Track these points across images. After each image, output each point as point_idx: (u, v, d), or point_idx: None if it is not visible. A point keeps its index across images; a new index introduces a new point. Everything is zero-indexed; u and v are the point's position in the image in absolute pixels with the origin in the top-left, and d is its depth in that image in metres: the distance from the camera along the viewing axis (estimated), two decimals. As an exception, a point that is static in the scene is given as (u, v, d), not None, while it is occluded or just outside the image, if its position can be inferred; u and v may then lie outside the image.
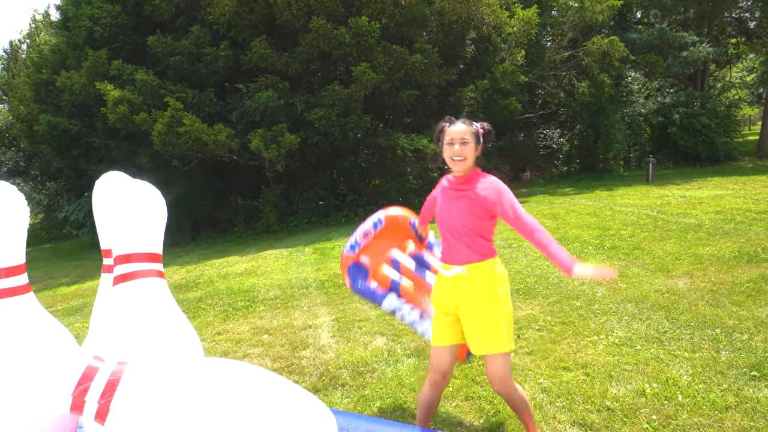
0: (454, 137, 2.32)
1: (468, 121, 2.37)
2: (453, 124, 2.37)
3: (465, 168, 2.36)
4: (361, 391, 3.39)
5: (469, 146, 2.32)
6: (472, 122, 2.38)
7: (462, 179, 2.39)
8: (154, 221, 2.07)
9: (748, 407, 2.77)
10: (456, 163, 2.34)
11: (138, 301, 1.90)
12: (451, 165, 2.38)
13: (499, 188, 2.30)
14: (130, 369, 1.43)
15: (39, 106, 14.08)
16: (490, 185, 2.32)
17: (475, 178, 2.37)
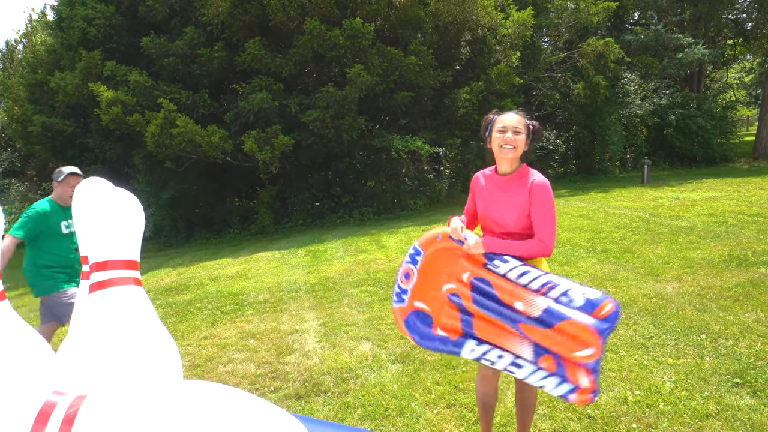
0: (507, 125, 2.26)
1: (522, 113, 2.33)
2: (505, 113, 2.32)
3: (513, 156, 2.27)
4: (343, 398, 3.37)
5: (521, 136, 2.26)
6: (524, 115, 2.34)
7: (513, 175, 2.32)
8: (131, 228, 2.05)
9: (728, 415, 2.76)
10: (505, 150, 2.26)
11: (113, 311, 1.87)
12: (498, 153, 2.29)
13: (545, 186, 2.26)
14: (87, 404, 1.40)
15: (33, 106, 14.04)
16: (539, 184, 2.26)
17: (525, 174, 2.31)
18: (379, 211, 13.49)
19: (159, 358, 1.81)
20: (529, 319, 2.06)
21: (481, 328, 2.20)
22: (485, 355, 2.18)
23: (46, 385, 1.53)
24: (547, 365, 2.05)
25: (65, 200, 3.82)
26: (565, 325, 1.97)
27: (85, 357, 1.72)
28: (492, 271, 2.22)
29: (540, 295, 2.08)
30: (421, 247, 2.40)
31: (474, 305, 2.21)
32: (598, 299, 2.00)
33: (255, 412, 1.48)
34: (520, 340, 2.10)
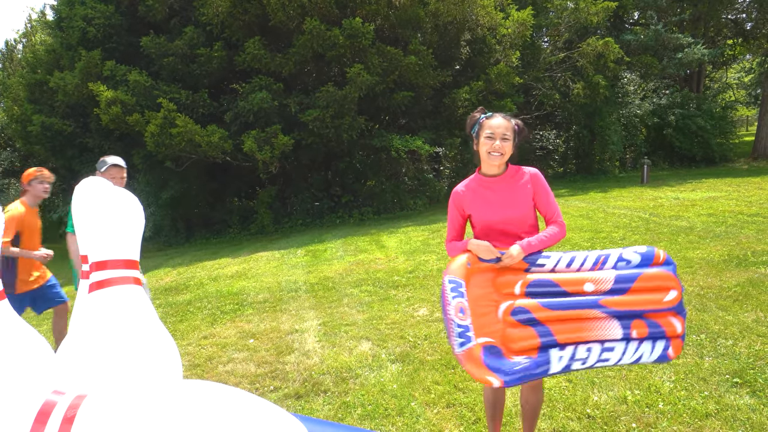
0: (495, 131, 2.26)
1: (507, 116, 2.31)
2: (492, 117, 2.30)
3: (501, 163, 2.30)
4: (343, 397, 3.37)
5: (508, 143, 2.28)
6: (511, 118, 2.33)
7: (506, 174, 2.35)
8: (131, 228, 2.05)
9: (728, 415, 2.76)
10: (493, 158, 2.27)
11: (113, 310, 1.87)
12: (486, 159, 2.30)
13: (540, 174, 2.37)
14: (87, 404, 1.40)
15: (33, 106, 14.03)
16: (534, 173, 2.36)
17: (517, 170, 2.36)
18: (378, 211, 13.49)
19: (159, 358, 1.81)
20: (605, 294, 2.08)
21: (562, 330, 2.07)
22: (575, 358, 2.06)
23: (45, 385, 1.53)
24: (638, 331, 2.06)
25: None
26: (641, 282, 2.06)
27: (85, 356, 1.72)
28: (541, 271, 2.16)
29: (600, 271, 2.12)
30: (461, 278, 2.16)
31: (546, 309, 2.07)
32: (650, 250, 2.15)
33: (255, 412, 1.47)
34: (604, 319, 2.07)
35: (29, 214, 4.20)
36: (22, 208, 4.15)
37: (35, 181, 4.20)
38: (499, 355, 2.05)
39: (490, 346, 2.06)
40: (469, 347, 2.04)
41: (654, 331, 2.06)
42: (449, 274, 2.16)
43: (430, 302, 5.29)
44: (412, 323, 4.69)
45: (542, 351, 2.05)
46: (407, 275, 6.51)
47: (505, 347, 2.07)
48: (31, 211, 4.24)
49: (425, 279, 6.24)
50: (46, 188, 4.24)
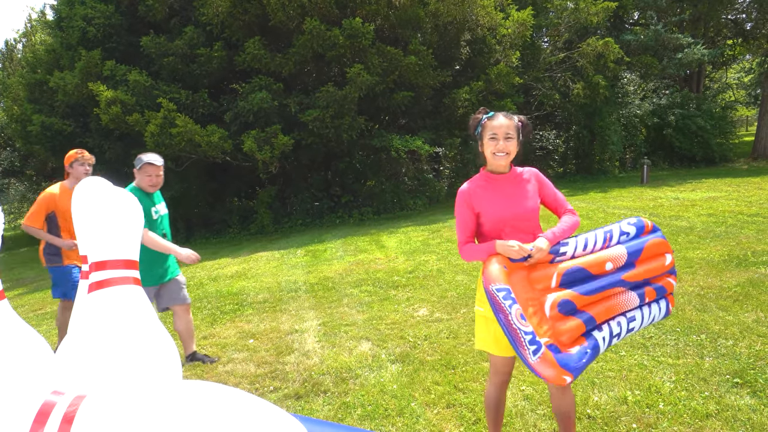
0: (498, 132, 2.26)
1: (509, 115, 2.30)
2: (494, 117, 2.29)
3: (507, 162, 2.31)
4: (342, 398, 3.36)
5: (512, 142, 2.28)
6: (513, 115, 2.31)
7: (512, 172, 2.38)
8: (130, 228, 2.05)
9: (728, 415, 2.76)
10: (498, 158, 2.27)
11: (112, 310, 1.87)
12: (492, 160, 2.30)
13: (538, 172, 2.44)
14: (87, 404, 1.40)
15: (33, 106, 14.01)
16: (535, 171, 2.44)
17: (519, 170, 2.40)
18: (378, 211, 13.49)
19: (158, 358, 1.81)
20: (623, 269, 2.29)
21: (598, 312, 2.20)
22: (612, 334, 2.21)
23: (45, 385, 1.53)
24: (649, 296, 2.32)
25: (145, 188, 3.84)
26: (646, 252, 2.32)
27: (84, 357, 1.72)
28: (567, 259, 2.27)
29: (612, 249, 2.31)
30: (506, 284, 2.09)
31: (585, 296, 2.18)
32: (639, 221, 2.42)
33: (254, 412, 1.47)
34: (625, 293, 2.27)
35: (65, 196, 4.16)
36: (56, 190, 4.17)
37: (76, 163, 4.20)
38: (558, 351, 2.05)
39: (550, 345, 2.05)
40: (543, 352, 2.00)
41: (659, 293, 2.35)
42: (494, 283, 2.09)
43: (430, 302, 5.28)
44: (412, 323, 4.68)
45: (588, 336, 2.16)
46: (407, 275, 6.51)
47: (558, 342, 2.08)
48: (69, 192, 4.19)
49: (425, 279, 6.24)
50: (87, 170, 4.22)
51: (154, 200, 3.90)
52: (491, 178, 2.35)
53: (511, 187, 2.34)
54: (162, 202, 4.06)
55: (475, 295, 5.26)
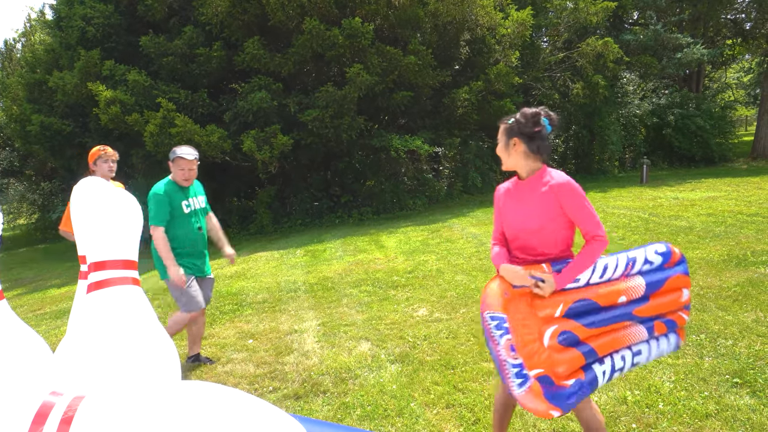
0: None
1: (505, 119, 2.21)
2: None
3: (506, 167, 2.21)
4: (342, 398, 3.36)
5: (498, 146, 2.22)
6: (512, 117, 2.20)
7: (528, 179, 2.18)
8: (129, 228, 2.05)
9: (728, 415, 2.75)
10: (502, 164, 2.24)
11: (111, 311, 1.87)
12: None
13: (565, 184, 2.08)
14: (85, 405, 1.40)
15: (32, 106, 14.00)
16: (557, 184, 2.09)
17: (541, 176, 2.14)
18: (378, 211, 13.48)
19: (157, 359, 1.81)
20: (637, 302, 2.15)
21: (601, 345, 2.07)
22: (615, 369, 2.09)
23: (43, 386, 1.53)
24: (659, 329, 2.20)
25: (179, 181, 3.83)
26: (664, 288, 2.18)
27: (83, 357, 1.72)
28: (577, 288, 2.09)
29: (631, 278, 2.15)
30: (501, 311, 2.05)
31: (588, 328, 2.06)
32: (667, 251, 2.23)
33: (253, 413, 1.47)
34: (633, 326, 2.15)
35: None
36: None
37: (100, 161, 4.10)
38: (551, 383, 1.99)
39: (542, 377, 1.99)
40: (529, 385, 1.97)
41: (670, 327, 2.23)
42: (489, 310, 2.05)
43: (430, 302, 5.28)
44: (412, 323, 4.68)
45: (587, 369, 2.04)
46: (406, 275, 6.51)
47: (553, 374, 2.00)
48: None
49: (424, 279, 6.23)
50: (111, 167, 4.15)
51: (187, 194, 3.86)
52: (515, 182, 2.25)
53: (522, 197, 2.18)
54: (200, 196, 4.01)
55: (474, 296, 5.27)
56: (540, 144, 2.13)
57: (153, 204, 3.71)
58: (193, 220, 3.86)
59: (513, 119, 2.18)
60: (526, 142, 2.13)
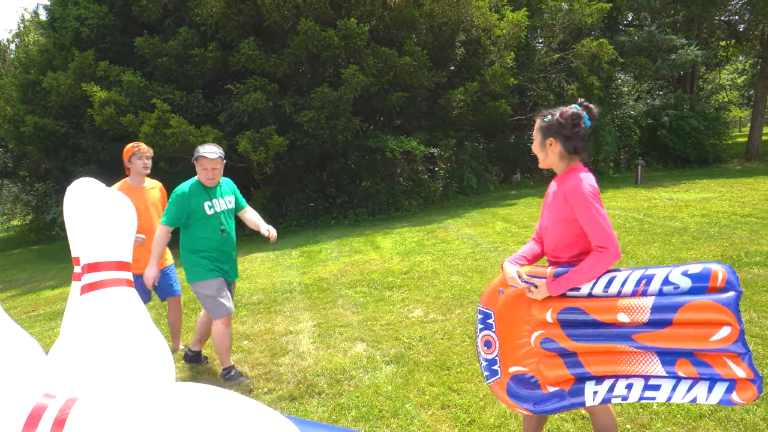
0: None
1: (543, 113, 2.13)
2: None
3: (542, 165, 2.18)
4: (337, 399, 3.36)
5: (534, 143, 2.17)
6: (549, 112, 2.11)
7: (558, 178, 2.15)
8: (123, 230, 2.04)
9: (722, 415, 2.77)
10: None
11: (105, 312, 1.86)
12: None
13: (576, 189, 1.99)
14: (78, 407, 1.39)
15: (26, 107, 13.93)
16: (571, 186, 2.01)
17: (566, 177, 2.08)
18: (373, 212, 13.48)
19: (151, 361, 1.80)
20: (641, 327, 1.82)
21: (593, 363, 1.91)
22: (612, 392, 1.89)
23: (36, 388, 1.52)
24: (685, 370, 1.77)
25: (203, 182, 3.66)
26: (684, 314, 1.74)
27: (76, 359, 1.71)
28: (576, 297, 1.95)
29: (639, 296, 1.84)
30: (488, 307, 2.09)
31: (574, 341, 1.92)
32: (706, 270, 1.75)
33: (247, 415, 1.46)
34: (642, 355, 1.84)
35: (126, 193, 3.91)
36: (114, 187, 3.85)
37: (134, 157, 4.01)
38: (529, 384, 2.01)
39: (521, 375, 2.02)
40: (495, 380, 2.10)
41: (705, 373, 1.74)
42: (480, 304, 2.17)
43: (425, 303, 5.28)
44: (407, 324, 4.68)
45: (576, 383, 1.95)
46: (402, 276, 6.50)
47: (540, 376, 2.00)
48: (132, 189, 4.06)
49: (420, 280, 6.23)
50: (145, 164, 4.05)
51: (211, 195, 3.68)
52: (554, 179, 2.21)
53: (550, 194, 2.17)
54: (227, 196, 3.81)
55: (470, 296, 5.27)
56: (577, 144, 2.06)
57: (169, 202, 3.61)
58: (216, 222, 3.68)
59: (549, 116, 2.08)
60: (562, 142, 2.07)
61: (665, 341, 1.78)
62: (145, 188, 4.14)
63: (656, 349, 1.81)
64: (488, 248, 7.59)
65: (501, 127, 17.08)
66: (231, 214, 3.84)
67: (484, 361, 2.12)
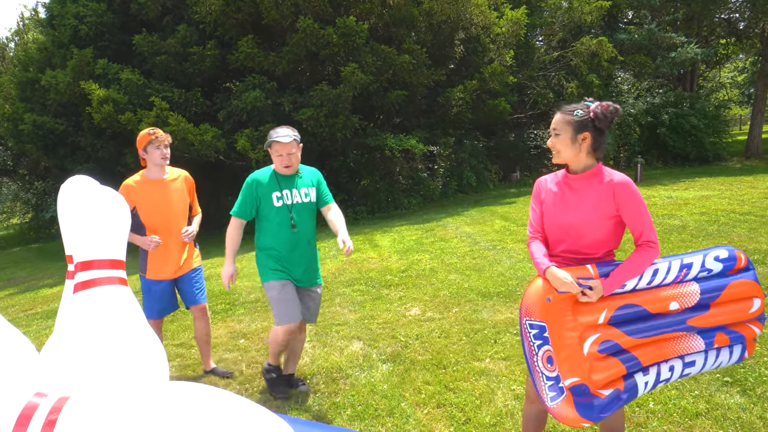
0: (550, 129, 2.11)
1: (569, 108, 2.08)
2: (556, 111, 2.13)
3: (560, 161, 2.11)
4: (332, 398, 3.35)
5: (559, 138, 2.07)
6: (576, 107, 2.07)
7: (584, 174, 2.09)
8: (117, 227, 2.02)
9: (718, 414, 2.75)
10: (553, 157, 2.14)
11: (98, 311, 1.85)
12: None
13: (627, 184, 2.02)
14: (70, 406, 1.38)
15: (25, 104, 13.93)
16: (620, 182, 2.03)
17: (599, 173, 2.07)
18: (372, 210, 13.47)
19: (144, 359, 1.79)
20: (691, 311, 1.98)
21: (647, 353, 1.96)
22: (659, 378, 1.99)
23: (27, 387, 1.51)
24: (720, 341, 2.02)
25: (279, 170, 3.24)
26: (725, 295, 1.98)
27: (68, 357, 1.70)
28: (623, 294, 1.98)
29: (683, 285, 1.99)
30: (540, 319, 1.94)
31: (631, 337, 1.94)
32: (730, 254, 2.04)
33: (241, 414, 1.45)
34: (687, 336, 2.00)
35: (144, 187, 3.50)
36: (130, 181, 3.52)
37: (150, 147, 3.48)
38: (586, 394, 1.90)
39: (577, 386, 1.90)
40: (562, 399, 1.90)
41: (734, 339, 2.03)
42: (529, 317, 1.96)
43: (423, 302, 5.27)
44: (404, 323, 4.67)
45: (627, 378, 1.95)
46: (400, 274, 6.49)
47: (590, 383, 1.91)
48: (150, 182, 3.54)
49: (418, 278, 6.22)
50: (163, 154, 3.51)
51: (283, 185, 3.23)
52: (565, 176, 2.15)
53: (576, 190, 2.09)
54: (305, 188, 3.32)
55: (467, 295, 5.26)
56: (603, 140, 2.09)
57: (241, 191, 3.26)
58: (286, 216, 3.20)
59: (581, 111, 2.05)
60: (595, 137, 2.05)
61: (714, 320, 1.98)
62: (166, 180, 3.58)
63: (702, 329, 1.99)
64: (486, 246, 7.57)
65: (500, 125, 17.06)
66: (308, 209, 3.32)
67: (548, 381, 1.92)
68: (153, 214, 3.50)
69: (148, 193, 3.50)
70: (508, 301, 4.99)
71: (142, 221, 3.49)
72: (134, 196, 3.45)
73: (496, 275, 5.93)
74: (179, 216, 3.61)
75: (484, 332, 4.23)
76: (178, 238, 3.59)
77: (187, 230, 3.61)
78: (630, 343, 1.95)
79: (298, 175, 3.32)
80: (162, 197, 3.53)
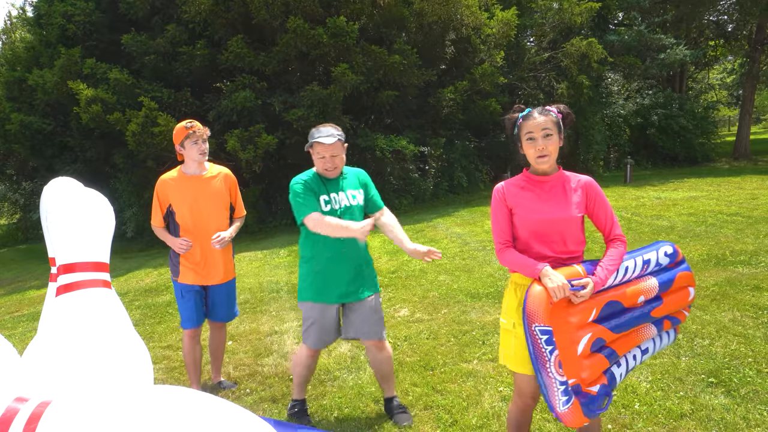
0: (533, 131, 2.06)
1: (545, 110, 2.10)
2: (529, 116, 2.09)
3: (551, 164, 2.11)
4: (320, 400, 3.33)
5: (552, 139, 2.07)
6: (550, 109, 2.11)
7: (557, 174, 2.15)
8: (101, 230, 2.00)
9: (702, 415, 2.77)
10: (541, 162, 2.08)
11: (80, 314, 1.83)
12: (534, 164, 2.12)
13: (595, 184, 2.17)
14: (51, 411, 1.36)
15: (12, 104, 13.78)
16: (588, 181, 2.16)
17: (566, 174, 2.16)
18: (363, 211, 13.44)
19: (128, 363, 1.77)
20: (652, 302, 2.18)
21: (621, 347, 2.10)
22: (628, 369, 2.14)
23: (8, 392, 1.49)
24: (666, 327, 2.26)
25: (322, 172, 2.92)
26: (674, 287, 2.23)
27: (50, 361, 1.67)
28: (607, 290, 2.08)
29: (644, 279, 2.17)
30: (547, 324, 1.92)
31: (614, 332, 2.06)
32: (673, 251, 2.29)
33: (224, 417, 1.44)
34: (646, 327, 2.18)
35: (179, 184, 3.31)
36: (167, 177, 3.34)
37: (188, 141, 3.23)
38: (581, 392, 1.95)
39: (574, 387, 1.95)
40: (573, 402, 1.93)
41: (674, 323, 2.31)
42: (538, 323, 1.92)
43: (412, 302, 5.27)
44: (393, 324, 4.66)
45: (608, 373, 2.04)
46: (389, 275, 6.49)
47: (581, 381, 1.96)
48: (187, 179, 3.33)
49: (407, 279, 6.22)
50: (201, 149, 3.27)
51: (330, 188, 2.91)
52: (532, 179, 2.17)
53: (551, 190, 2.13)
54: (349, 190, 2.98)
55: (456, 296, 5.26)
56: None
57: (291, 198, 2.88)
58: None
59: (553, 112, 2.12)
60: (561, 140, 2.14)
61: (666, 309, 2.20)
62: (204, 178, 3.35)
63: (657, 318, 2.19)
64: (476, 247, 7.58)
65: (491, 125, 17.07)
66: (358, 212, 3.01)
67: (560, 386, 1.91)
68: (186, 213, 3.28)
69: (182, 190, 3.29)
70: (497, 302, 5.00)
71: (177, 221, 3.31)
72: (169, 193, 3.29)
73: (485, 276, 5.93)
74: (214, 217, 3.34)
75: (472, 333, 4.23)
76: (207, 239, 3.28)
77: (219, 235, 3.25)
78: (611, 337, 2.06)
79: (343, 176, 3.00)
80: (197, 195, 3.29)
